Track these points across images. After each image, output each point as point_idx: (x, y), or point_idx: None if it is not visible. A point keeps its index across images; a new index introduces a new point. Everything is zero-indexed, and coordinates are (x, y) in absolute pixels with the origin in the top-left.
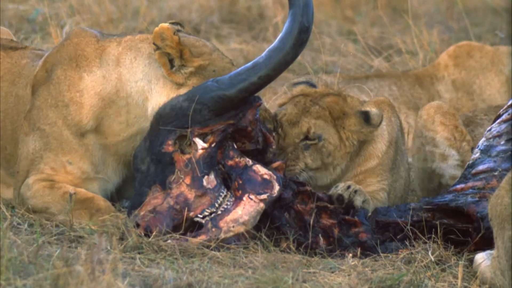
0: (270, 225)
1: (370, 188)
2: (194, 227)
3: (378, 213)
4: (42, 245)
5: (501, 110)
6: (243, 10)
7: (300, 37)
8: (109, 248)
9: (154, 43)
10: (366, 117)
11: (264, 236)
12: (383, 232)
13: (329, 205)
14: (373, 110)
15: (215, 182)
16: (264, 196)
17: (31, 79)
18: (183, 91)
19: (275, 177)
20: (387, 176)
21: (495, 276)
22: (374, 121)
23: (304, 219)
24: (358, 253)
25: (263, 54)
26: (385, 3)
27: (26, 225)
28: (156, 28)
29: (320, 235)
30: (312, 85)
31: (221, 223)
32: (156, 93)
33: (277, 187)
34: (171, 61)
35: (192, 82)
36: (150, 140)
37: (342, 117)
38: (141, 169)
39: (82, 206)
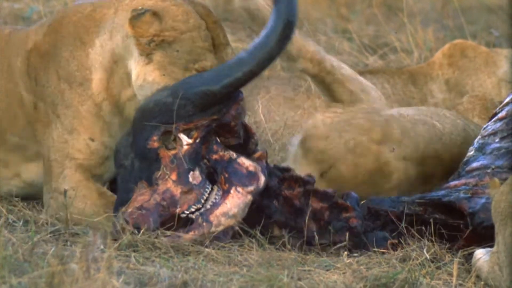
0: (260, 214)
1: None
2: (185, 224)
3: (371, 201)
4: (37, 243)
5: (497, 108)
6: (238, 8)
7: (284, 33)
8: (103, 247)
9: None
10: None
11: (259, 234)
12: (374, 220)
13: (319, 189)
14: None
15: (200, 178)
16: (251, 188)
17: (23, 54)
18: (150, 68)
19: (259, 168)
20: None
21: (492, 271)
22: None
23: (293, 204)
24: (346, 237)
25: (247, 49)
26: (380, 1)
27: (21, 223)
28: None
29: (311, 219)
30: None
31: (211, 217)
32: (133, 66)
33: (262, 178)
34: None
35: (156, 58)
36: (133, 135)
37: None
38: (125, 165)
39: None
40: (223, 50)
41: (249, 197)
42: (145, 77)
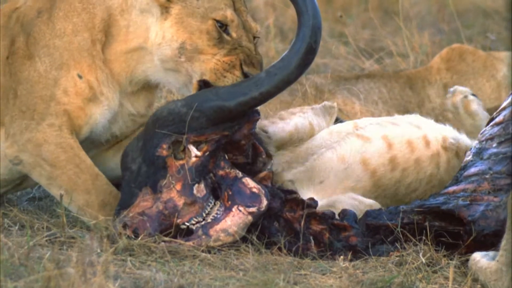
0: (260, 235)
1: None
2: (183, 232)
3: (368, 216)
4: (33, 247)
5: (494, 113)
6: None
7: (306, 58)
8: (99, 250)
9: None
10: None
11: (255, 239)
12: (373, 235)
13: (317, 211)
14: None
15: (204, 192)
16: (252, 209)
17: None
18: (168, 23)
19: (263, 191)
20: None
21: (500, 271)
22: None
23: (293, 227)
24: (349, 256)
25: (267, 69)
26: (376, 5)
27: (17, 227)
28: None
29: (311, 240)
30: None
31: (211, 231)
32: (152, 24)
33: (265, 202)
34: None
35: (175, 11)
36: (144, 140)
37: None
38: (131, 168)
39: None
40: (243, 15)
41: (250, 217)
42: (164, 34)
